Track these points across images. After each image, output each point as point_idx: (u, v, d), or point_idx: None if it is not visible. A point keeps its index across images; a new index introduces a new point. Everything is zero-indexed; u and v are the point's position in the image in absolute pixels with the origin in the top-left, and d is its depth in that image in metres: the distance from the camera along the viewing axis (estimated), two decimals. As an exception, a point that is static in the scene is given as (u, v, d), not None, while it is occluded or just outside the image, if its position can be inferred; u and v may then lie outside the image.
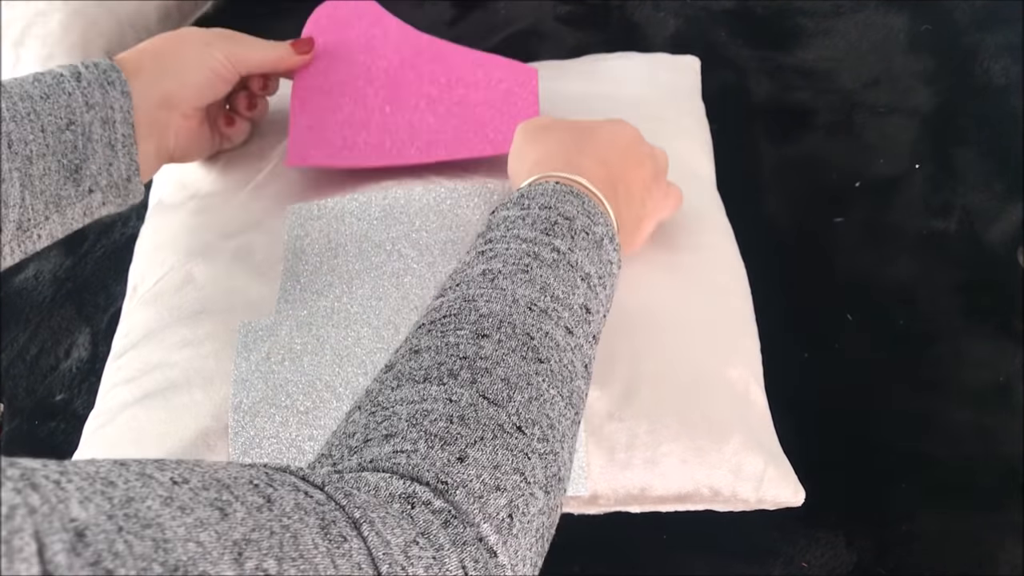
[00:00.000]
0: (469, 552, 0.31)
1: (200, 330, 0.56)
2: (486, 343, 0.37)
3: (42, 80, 0.50)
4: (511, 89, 0.62)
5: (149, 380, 0.55)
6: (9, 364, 0.68)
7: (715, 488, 0.51)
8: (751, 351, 0.56)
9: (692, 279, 0.57)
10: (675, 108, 0.67)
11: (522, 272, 0.40)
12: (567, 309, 0.40)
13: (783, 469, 0.52)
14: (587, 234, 0.43)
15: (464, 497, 0.32)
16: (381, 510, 0.30)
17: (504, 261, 0.41)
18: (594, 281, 0.43)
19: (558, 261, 0.41)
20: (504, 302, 0.39)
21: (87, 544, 0.22)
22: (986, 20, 0.83)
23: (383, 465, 0.33)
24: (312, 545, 0.27)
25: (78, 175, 0.51)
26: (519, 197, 0.45)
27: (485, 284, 0.40)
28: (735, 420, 0.52)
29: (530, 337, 0.38)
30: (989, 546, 0.56)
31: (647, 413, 0.51)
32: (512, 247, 0.42)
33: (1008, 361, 0.63)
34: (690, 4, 0.87)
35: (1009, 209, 0.71)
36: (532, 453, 0.35)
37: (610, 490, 0.51)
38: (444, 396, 0.35)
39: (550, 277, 0.41)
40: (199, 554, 0.24)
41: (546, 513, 0.35)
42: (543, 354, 0.38)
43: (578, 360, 0.40)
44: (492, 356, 0.36)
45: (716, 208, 0.63)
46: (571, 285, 0.41)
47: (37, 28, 0.78)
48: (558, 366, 0.38)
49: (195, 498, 0.26)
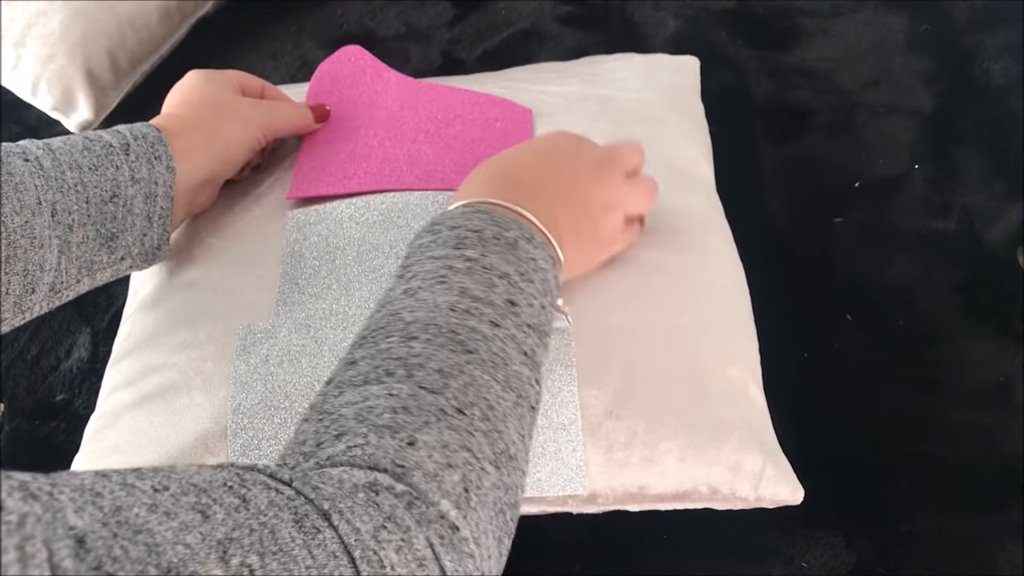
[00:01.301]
0: (434, 529, 0.33)
1: (200, 332, 0.56)
2: (416, 344, 0.39)
3: (92, 149, 0.51)
4: (507, 129, 0.63)
5: (149, 383, 0.55)
6: (10, 364, 0.68)
7: (714, 486, 0.51)
8: (750, 352, 0.56)
9: (691, 281, 0.57)
10: (674, 110, 0.67)
11: (439, 283, 0.43)
12: (488, 306, 0.42)
13: (782, 468, 0.52)
14: (498, 240, 0.45)
15: (421, 478, 0.34)
16: (348, 500, 0.32)
17: (422, 279, 0.43)
18: (514, 278, 0.44)
19: (472, 268, 0.43)
20: (427, 309, 0.41)
21: (88, 550, 0.24)
22: (986, 20, 0.83)
23: (340, 460, 0.35)
24: (289, 538, 0.29)
25: (113, 243, 0.52)
26: (430, 225, 0.47)
27: (407, 299, 0.42)
28: (734, 418, 0.52)
29: (456, 333, 0.40)
30: (989, 546, 0.56)
31: (645, 411, 0.51)
32: (427, 266, 0.44)
33: (1008, 361, 0.63)
34: (690, 4, 0.87)
35: (1009, 209, 0.71)
36: (476, 431, 0.37)
37: (608, 488, 0.51)
38: (385, 392, 0.37)
39: (466, 282, 0.43)
40: (188, 555, 0.26)
41: (501, 488, 0.37)
42: (471, 346, 0.40)
43: (511, 348, 0.42)
44: (423, 353, 0.39)
45: (715, 210, 0.63)
46: (488, 285, 0.43)
47: (38, 28, 0.79)
48: (488, 354, 0.40)
49: (177, 503, 0.28)
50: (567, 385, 0.51)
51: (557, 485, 0.50)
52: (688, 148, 0.65)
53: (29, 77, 0.79)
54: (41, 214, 0.47)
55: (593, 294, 0.54)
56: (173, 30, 0.85)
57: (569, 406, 0.51)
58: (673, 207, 0.60)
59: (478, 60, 0.85)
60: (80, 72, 0.79)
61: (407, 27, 0.88)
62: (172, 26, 0.85)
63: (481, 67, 0.84)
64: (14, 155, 0.47)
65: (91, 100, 0.80)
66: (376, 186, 0.60)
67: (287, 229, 0.59)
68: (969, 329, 0.65)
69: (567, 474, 0.50)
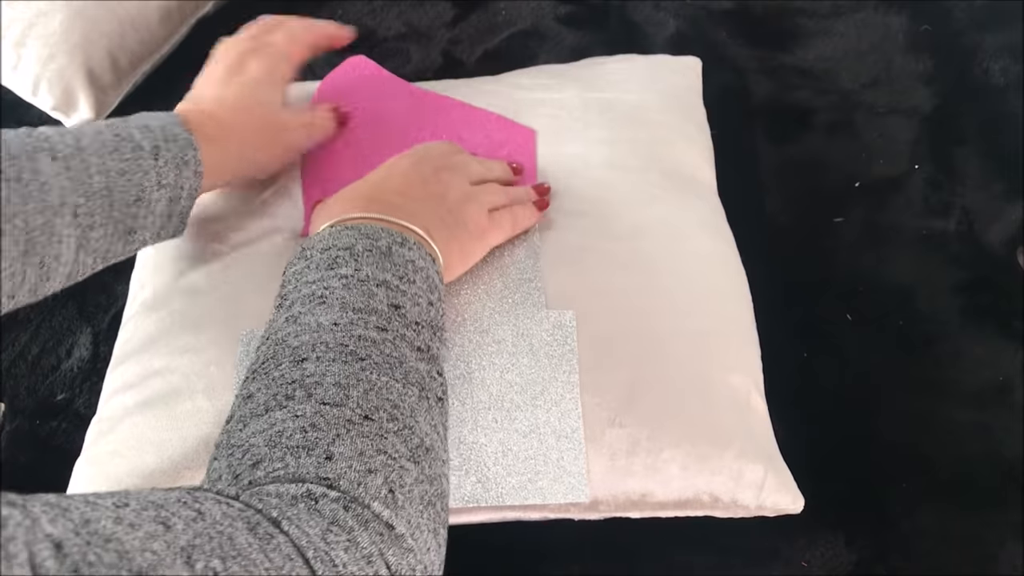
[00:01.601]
0: (374, 528, 0.35)
1: (202, 337, 0.56)
2: (308, 364, 0.40)
3: (121, 151, 0.50)
4: (511, 154, 0.63)
5: (151, 387, 0.55)
6: (10, 364, 0.68)
7: (715, 495, 0.51)
8: (752, 359, 0.56)
9: (693, 286, 0.57)
10: (675, 113, 0.67)
11: (319, 304, 0.43)
12: (372, 313, 0.43)
13: (783, 477, 0.53)
14: (371, 252, 0.45)
15: (348, 486, 0.36)
16: (291, 509, 0.34)
17: (301, 304, 0.44)
18: (394, 283, 0.45)
19: (348, 283, 0.44)
20: (311, 331, 0.42)
21: (65, 555, 0.26)
22: (985, 20, 0.83)
23: (265, 482, 0.36)
24: (246, 544, 0.31)
25: (131, 237, 0.52)
26: (301, 251, 0.47)
27: (290, 326, 0.43)
28: (736, 427, 0.52)
29: (344, 345, 0.41)
30: (989, 546, 0.56)
31: (648, 419, 0.51)
32: (304, 291, 0.44)
33: (1008, 361, 0.63)
34: (690, 4, 0.87)
35: (1009, 209, 0.71)
36: (387, 433, 0.39)
37: (610, 496, 0.51)
38: (290, 416, 0.38)
39: (344, 295, 0.43)
40: (156, 561, 0.28)
41: (425, 482, 0.39)
42: (362, 353, 0.41)
43: (403, 346, 0.43)
44: (317, 372, 0.40)
45: (717, 213, 0.63)
46: (368, 295, 0.44)
47: (38, 28, 0.78)
48: (381, 357, 0.41)
49: (139, 516, 0.29)
50: (569, 393, 0.51)
51: (559, 493, 0.50)
52: (689, 151, 0.65)
53: (30, 77, 0.79)
54: (63, 215, 0.47)
55: (595, 300, 0.54)
56: (174, 30, 0.85)
57: (572, 414, 0.51)
58: (675, 211, 0.60)
59: (478, 60, 0.85)
60: (81, 72, 0.79)
61: (407, 27, 0.88)
62: (173, 26, 0.85)
63: (481, 67, 0.84)
64: (43, 152, 0.47)
65: (92, 100, 0.80)
66: None
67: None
68: (969, 329, 0.65)
69: (569, 482, 0.50)
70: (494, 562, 0.57)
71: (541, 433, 0.50)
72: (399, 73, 0.69)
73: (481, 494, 0.50)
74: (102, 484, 0.52)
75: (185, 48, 0.87)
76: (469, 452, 0.50)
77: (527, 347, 0.52)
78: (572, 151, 0.63)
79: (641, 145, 0.63)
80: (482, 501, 0.50)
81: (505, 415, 0.51)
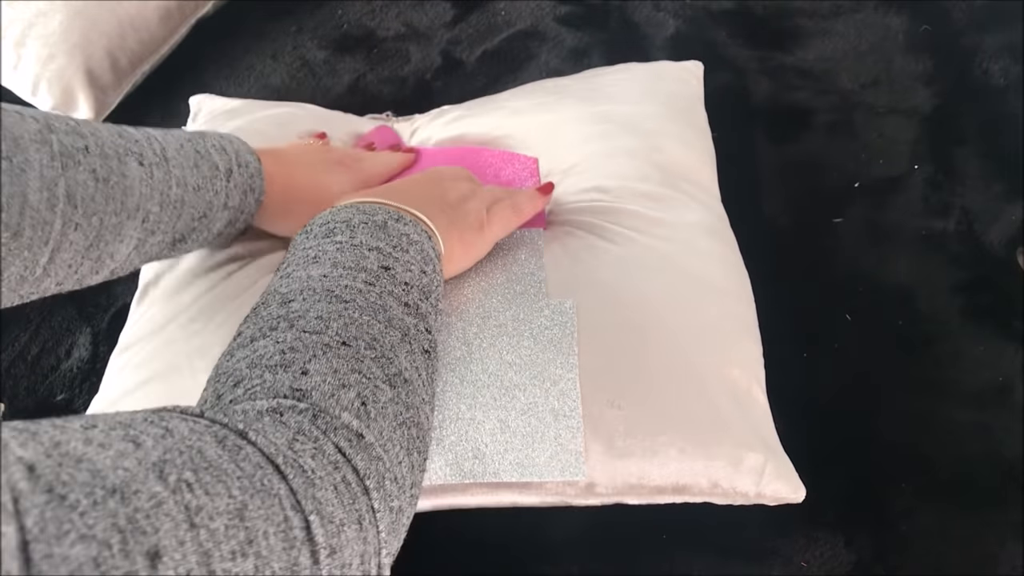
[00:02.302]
0: (341, 435, 0.36)
1: (210, 324, 0.56)
2: (293, 304, 0.42)
3: (200, 168, 0.52)
4: (512, 181, 0.65)
5: (152, 368, 0.55)
6: (10, 364, 0.68)
7: (714, 480, 0.51)
8: (753, 355, 0.56)
9: (696, 285, 0.57)
10: (676, 119, 0.67)
11: (312, 262, 0.45)
12: (361, 271, 0.44)
13: (783, 465, 0.52)
14: (366, 224, 0.47)
15: (320, 397, 0.37)
16: (257, 423, 0.35)
17: (294, 265, 0.46)
18: (386, 251, 0.46)
19: (342, 247, 0.46)
20: (300, 281, 0.44)
21: (38, 476, 0.26)
22: (985, 20, 0.83)
23: (241, 399, 0.37)
24: (216, 456, 0.32)
25: (181, 244, 0.53)
26: (303, 228, 0.49)
27: (282, 280, 0.45)
28: (736, 414, 0.52)
29: (330, 291, 0.43)
30: (989, 546, 0.56)
31: (647, 402, 0.51)
32: (299, 255, 0.46)
33: (1008, 361, 0.63)
34: (690, 4, 0.87)
35: (1009, 209, 0.71)
36: (363, 358, 0.40)
37: (608, 478, 0.51)
38: (272, 341, 0.40)
39: (337, 256, 0.45)
40: (129, 477, 0.28)
41: (400, 404, 0.40)
42: (346, 297, 0.42)
43: (389, 300, 0.44)
44: (300, 308, 0.42)
45: (719, 217, 0.63)
46: (359, 256, 0.45)
47: (38, 28, 0.79)
48: (365, 302, 0.43)
49: (108, 436, 0.30)
50: (568, 373, 0.51)
51: (556, 470, 0.50)
52: (690, 157, 0.65)
53: (30, 77, 0.79)
54: (135, 218, 0.48)
55: (597, 294, 0.55)
56: (173, 30, 0.85)
57: (570, 394, 0.51)
58: (677, 215, 0.60)
59: (478, 60, 0.85)
60: (80, 72, 0.79)
61: (407, 27, 0.88)
62: (172, 26, 0.85)
63: (481, 67, 0.84)
64: (131, 155, 0.48)
65: (91, 100, 0.80)
66: None
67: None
68: (969, 329, 0.65)
69: (567, 459, 0.50)
70: (493, 561, 0.57)
71: (539, 411, 0.51)
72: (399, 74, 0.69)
73: (478, 470, 0.50)
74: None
75: (185, 48, 0.87)
76: (467, 428, 0.51)
77: (528, 331, 0.53)
78: (572, 163, 0.64)
79: (643, 152, 0.64)
80: (479, 477, 0.50)
81: (504, 393, 0.51)
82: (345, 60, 0.86)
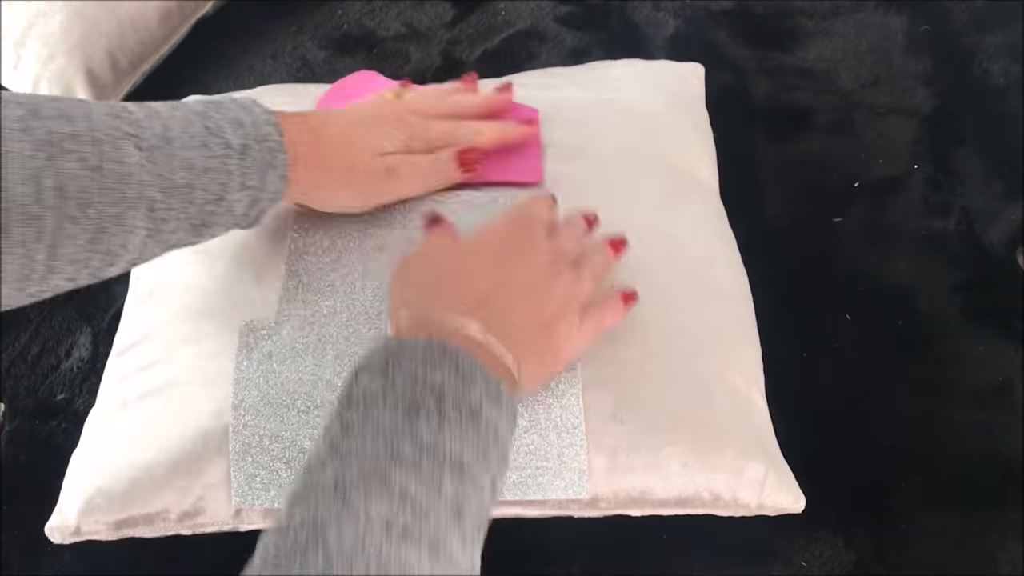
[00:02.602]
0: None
1: (202, 328, 0.56)
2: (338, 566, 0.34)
3: (210, 145, 0.47)
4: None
5: (150, 378, 0.55)
6: (10, 364, 0.68)
7: (716, 492, 0.51)
8: (752, 359, 0.56)
9: (695, 287, 0.57)
10: (679, 117, 0.67)
11: (379, 482, 0.37)
12: (431, 520, 0.37)
13: (784, 475, 0.53)
14: (459, 410, 0.39)
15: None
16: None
17: (359, 467, 0.37)
18: (470, 470, 0.39)
19: (420, 458, 0.38)
20: (357, 528, 0.35)
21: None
22: (985, 20, 0.83)
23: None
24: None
25: (203, 230, 0.49)
26: (384, 362, 0.41)
27: (336, 503, 0.36)
28: (737, 424, 0.52)
29: (387, 570, 0.35)
30: (989, 546, 0.56)
31: (649, 415, 0.51)
32: (369, 444, 0.38)
33: (1008, 361, 0.63)
34: (689, 4, 0.87)
35: (1009, 209, 0.71)
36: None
37: (610, 493, 0.51)
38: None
39: (411, 483, 0.37)
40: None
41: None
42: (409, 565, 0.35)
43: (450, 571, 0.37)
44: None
45: (719, 217, 0.63)
46: (436, 487, 0.37)
47: (38, 28, 0.79)
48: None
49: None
50: (571, 388, 0.51)
51: (559, 488, 0.50)
52: (691, 155, 0.65)
53: (30, 77, 0.79)
54: (137, 208, 0.44)
55: None
56: (173, 30, 0.85)
57: (573, 409, 0.51)
58: (677, 212, 0.60)
59: (478, 61, 0.85)
60: (80, 72, 0.79)
61: (407, 27, 0.88)
62: (172, 26, 0.85)
63: (481, 67, 0.84)
64: (128, 139, 0.44)
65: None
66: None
67: (291, 226, 0.59)
68: (969, 329, 0.65)
69: (570, 477, 0.50)
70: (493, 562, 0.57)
71: (542, 428, 0.50)
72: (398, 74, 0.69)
73: None
74: (98, 476, 0.53)
75: (185, 48, 0.87)
76: None
77: None
78: (576, 140, 0.63)
79: (645, 146, 0.63)
80: None
81: None
82: (345, 60, 0.86)
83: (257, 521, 0.52)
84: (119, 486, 0.52)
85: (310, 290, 0.56)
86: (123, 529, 0.53)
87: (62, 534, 0.53)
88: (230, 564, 0.38)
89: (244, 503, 0.51)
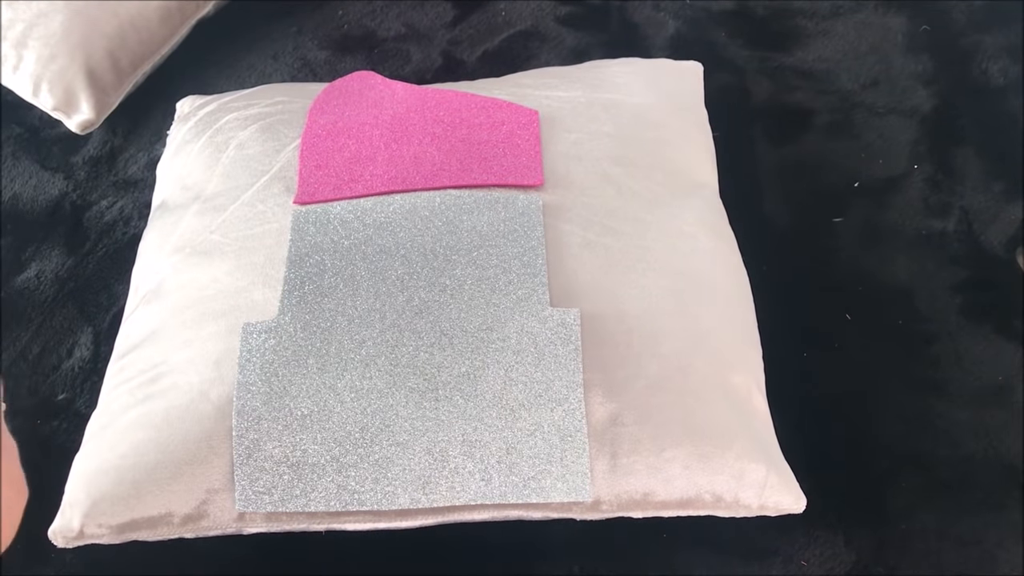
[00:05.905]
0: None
1: (203, 331, 0.56)
2: None
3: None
4: (513, 131, 0.63)
5: (151, 381, 0.55)
6: (11, 364, 0.68)
7: (717, 494, 0.52)
8: (753, 358, 0.56)
9: (695, 287, 0.57)
10: (678, 115, 0.67)
11: None
12: None
13: (785, 477, 0.53)
14: None
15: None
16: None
17: None
18: None
19: None
20: None
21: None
22: (984, 21, 0.84)
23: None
24: None
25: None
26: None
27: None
28: (738, 426, 0.52)
29: None
30: (989, 546, 0.56)
31: (651, 418, 0.51)
32: None
33: (1008, 361, 0.64)
34: (690, 5, 0.87)
35: (1008, 209, 0.71)
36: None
37: (613, 495, 0.51)
38: None
39: None
40: None
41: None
42: None
43: None
44: None
45: (719, 216, 0.63)
46: None
47: (39, 29, 0.79)
48: None
49: None
50: (573, 392, 0.51)
51: (562, 492, 0.50)
52: (691, 153, 0.65)
53: (30, 77, 0.79)
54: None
55: (599, 302, 0.54)
56: (174, 31, 0.85)
57: (575, 413, 0.51)
58: (677, 211, 0.60)
59: (478, 61, 0.85)
60: (81, 72, 0.79)
61: (407, 28, 0.88)
62: (173, 27, 0.85)
63: (481, 68, 0.84)
64: None
65: (92, 100, 0.80)
66: (383, 188, 0.61)
67: (293, 228, 0.59)
68: (969, 329, 0.65)
69: (572, 481, 0.50)
70: (494, 561, 0.57)
71: (545, 432, 0.51)
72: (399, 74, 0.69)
73: (485, 492, 0.50)
74: (102, 480, 0.53)
75: (185, 48, 0.87)
76: (473, 450, 0.50)
77: (531, 345, 0.53)
78: (575, 139, 0.63)
79: (645, 145, 0.63)
80: (486, 499, 0.50)
81: (509, 413, 0.51)
82: (346, 60, 0.86)
83: (261, 525, 0.52)
84: (122, 490, 0.52)
85: (311, 292, 0.56)
86: (126, 533, 0.53)
87: (65, 538, 0.53)
88: (230, 564, 0.38)
89: (248, 507, 0.51)
